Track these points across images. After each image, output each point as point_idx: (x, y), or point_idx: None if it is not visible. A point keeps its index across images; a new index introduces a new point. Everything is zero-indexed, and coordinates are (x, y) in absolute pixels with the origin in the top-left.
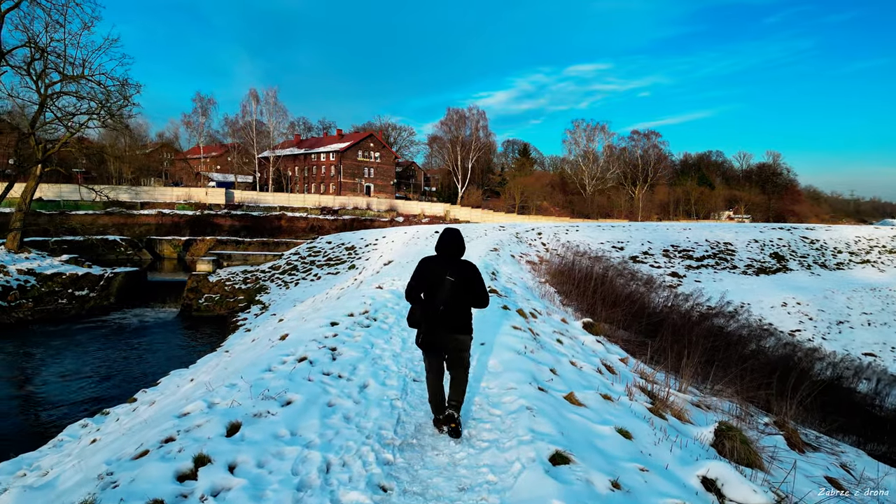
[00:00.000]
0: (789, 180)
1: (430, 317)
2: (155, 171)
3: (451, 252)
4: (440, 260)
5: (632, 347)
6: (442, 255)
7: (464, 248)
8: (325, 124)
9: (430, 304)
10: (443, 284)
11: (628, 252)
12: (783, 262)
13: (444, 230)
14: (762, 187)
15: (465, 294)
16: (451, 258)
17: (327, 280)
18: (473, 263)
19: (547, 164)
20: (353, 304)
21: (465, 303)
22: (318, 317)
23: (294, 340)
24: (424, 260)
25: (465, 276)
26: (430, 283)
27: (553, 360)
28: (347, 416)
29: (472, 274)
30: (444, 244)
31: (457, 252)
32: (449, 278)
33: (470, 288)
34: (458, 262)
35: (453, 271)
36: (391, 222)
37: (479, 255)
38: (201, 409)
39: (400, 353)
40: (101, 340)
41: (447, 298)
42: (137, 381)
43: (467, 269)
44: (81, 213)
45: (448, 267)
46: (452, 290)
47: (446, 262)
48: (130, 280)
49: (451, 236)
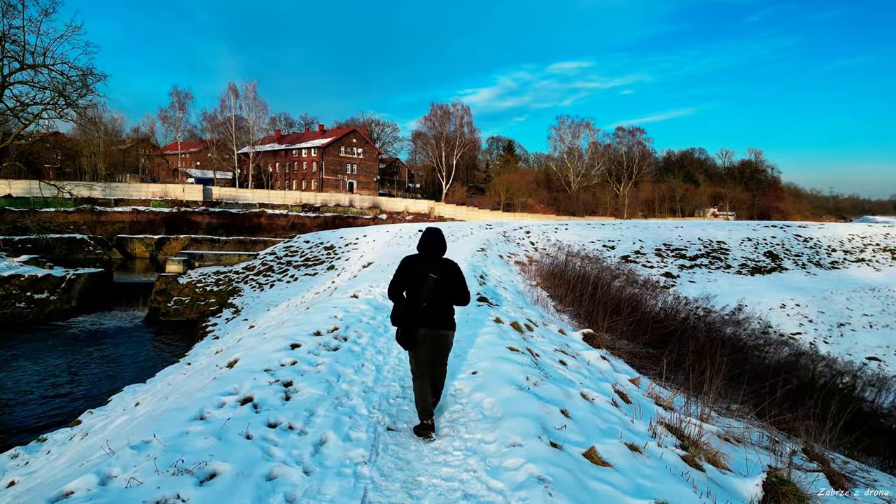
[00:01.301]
0: (773, 178)
1: (412, 314)
2: (131, 167)
3: (433, 251)
4: (422, 259)
5: (638, 361)
6: (424, 254)
7: (445, 247)
8: (307, 120)
9: (413, 301)
10: (425, 282)
11: (620, 251)
12: (778, 262)
13: (426, 230)
14: (745, 184)
15: (447, 292)
16: (433, 257)
17: (304, 282)
18: (455, 262)
19: (532, 161)
20: (322, 318)
21: (447, 300)
22: (278, 336)
23: (242, 370)
24: (407, 258)
25: (447, 275)
26: (412, 282)
27: (562, 395)
28: (292, 500)
29: (453, 273)
30: (427, 243)
31: (439, 251)
32: (431, 276)
33: (451, 286)
34: (440, 261)
35: (436, 269)
36: (374, 220)
37: (466, 256)
38: (87, 490)
39: (372, 386)
40: (57, 349)
41: (429, 296)
42: (91, 395)
43: (449, 267)
44: (52, 210)
45: (430, 265)
46: (435, 288)
47: (428, 260)
48: (94, 282)
49: (433, 236)
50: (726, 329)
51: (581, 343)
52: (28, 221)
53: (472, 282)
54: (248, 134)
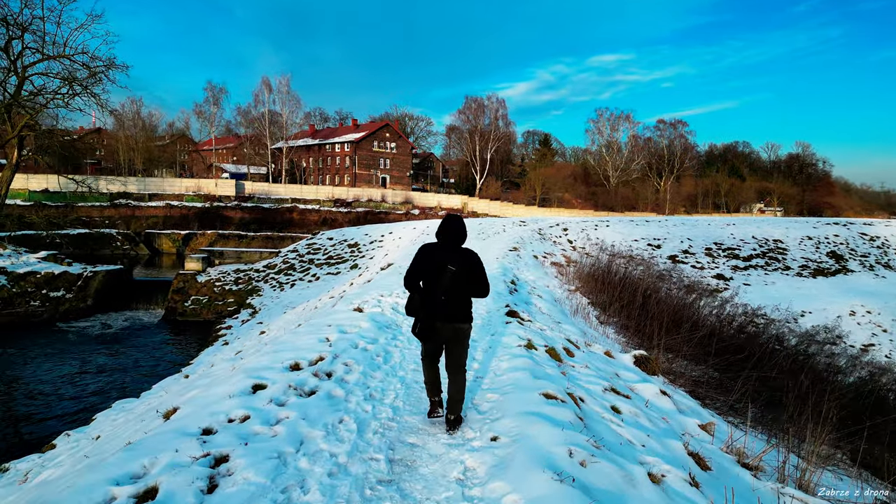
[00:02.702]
0: (823, 172)
1: (429, 306)
2: (167, 162)
3: (451, 240)
4: (441, 248)
5: (703, 391)
6: (443, 242)
7: (465, 236)
8: (341, 115)
9: (430, 293)
10: (444, 273)
11: (666, 251)
12: (842, 263)
13: (445, 217)
14: (793, 179)
15: (465, 283)
16: (452, 246)
17: (326, 281)
18: (474, 251)
19: (568, 155)
20: (309, 341)
21: (465, 292)
22: (243, 370)
23: (166, 434)
24: (425, 247)
25: (466, 266)
26: (429, 272)
27: (621, 481)
28: None
29: (472, 263)
30: (445, 232)
31: (458, 240)
32: (451, 268)
33: (471, 278)
34: (459, 251)
35: (455, 260)
36: (406, 215)
37: (497, 255)
38: None
39: (346, 463)
40: (66, 350)
41: (448, 288)
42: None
43: (468, 257)
44: (88, 205)
45: (449, 255)
46: (453, 280)
47: (447, 250)
48: (112, 279)
49: (453, 224)
50: (805, 346)
51: (633, 370)
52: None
53: (502, 288)
54: (282, 129)
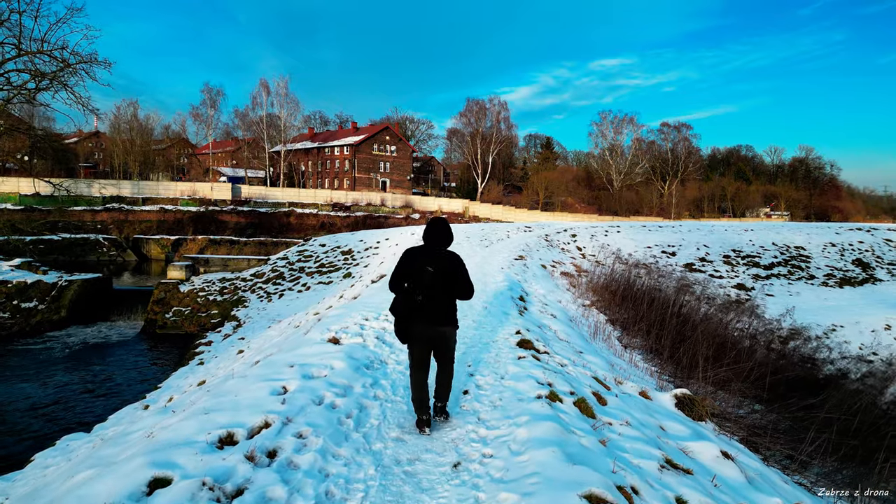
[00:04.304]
0: (830, 176)
1: (410, 307)
2: (165, 165)
3: (435, 242)
4: (425, 250)
5: (765, 441)
6: (428, 245)
7: (451, 239)
8: (341, 118)
9: (411, 294)
10: (423, 275)
11: (682, 258)
12: (869, 271)
13: (431, 220)
14: (798, 183)
15: (448, 286)
16: (436, 249)
17: (317, 291)
18: (458, 254)
19: (570, 158)
20: (257, 393)
21: (448, 295)
22: (150, 449)
23: None
24: (409, 250)
25: (445, 267)
26: (412, 274)
27: None
28: None
29: (453, 265)
30: (430, 235)
31: (442, 242)
32: (429, 269)
33: (453, 280)
34: (441, 253)
35: (434, 262)
36: (406, 219)
37: (502, 265)
38: None
39: None
40: (26, 367)
41: (427, 287)
42: (39, 433)
43: (449, 259)
44: (79, 209)
45: (431, 258)
46: (431, 281)
47: (430, 252)
48: (89, 288)
49: (438, 226)
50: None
51: (678, 418)
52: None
53: (510, 307)
54: (280, 132)
